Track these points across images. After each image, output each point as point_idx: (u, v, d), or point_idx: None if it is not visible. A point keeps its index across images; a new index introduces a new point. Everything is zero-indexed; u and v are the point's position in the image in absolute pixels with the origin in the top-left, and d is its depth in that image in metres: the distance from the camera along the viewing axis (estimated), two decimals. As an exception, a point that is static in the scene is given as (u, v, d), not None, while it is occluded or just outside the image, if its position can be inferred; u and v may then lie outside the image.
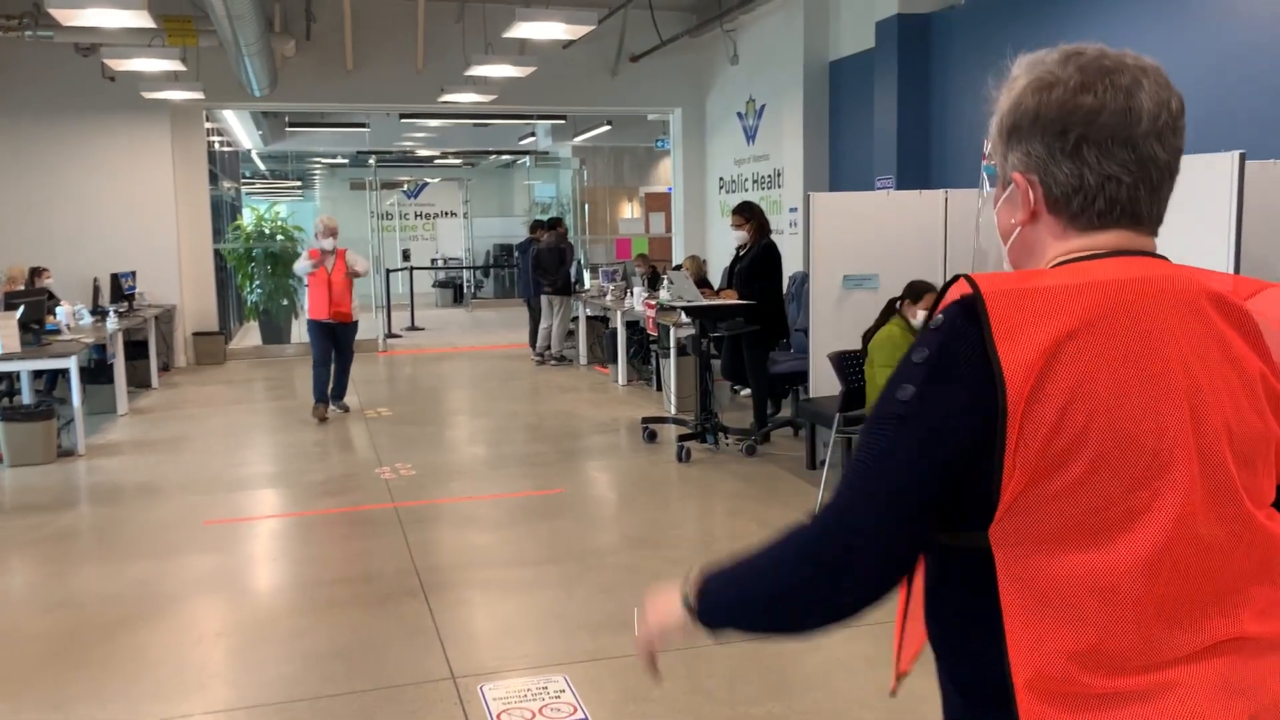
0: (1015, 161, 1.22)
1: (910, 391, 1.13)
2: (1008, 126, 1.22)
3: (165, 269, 12.12)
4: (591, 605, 4.39)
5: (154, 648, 4.04)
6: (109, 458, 7.46)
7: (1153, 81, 1.16)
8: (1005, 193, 1.25)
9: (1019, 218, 1.23)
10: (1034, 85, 1.18)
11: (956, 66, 8.46)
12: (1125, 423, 1.07)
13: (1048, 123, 1.17)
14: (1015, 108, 1.20)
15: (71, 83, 11.61)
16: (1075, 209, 1.18)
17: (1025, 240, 1.24)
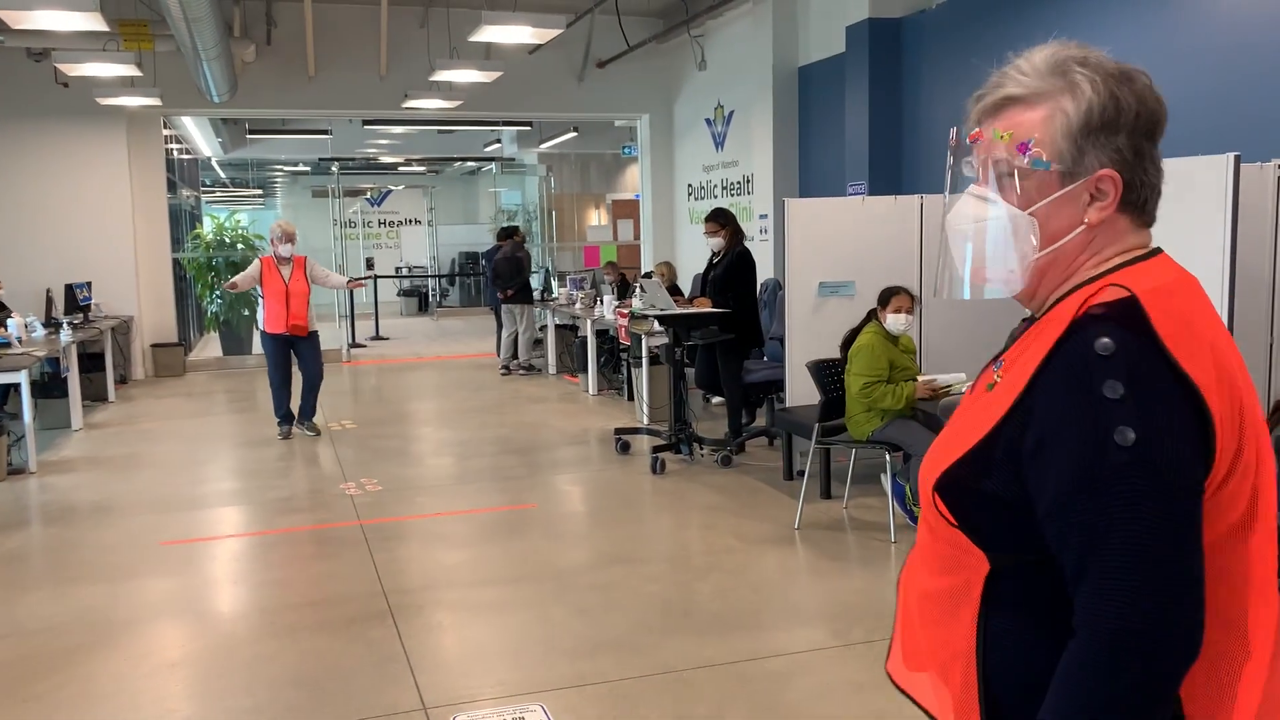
0: (1099, 159, 1.17)
1: (1131, 436, 1.07)
2: (1099, 122, 1.16)
3: (122, 279, 11.82)
4: (568, 627, 4.22)
5: (104, 679, 3.82)
6: (61, 475, 7.19)
7: None
8: (1064, 189, 1.18)
9: (1095, 217, 1.18)
10: (1118, 79, 1.16)
11: (928, 71, 8.40)
12: (1246, 399, 1.14)
13: (1143, 121, 1.16)
14: (1108, 102, 1.16)
15: (24, 88, 11.29)
16: (1140, 207, 1.20)
17: (1083, 241, 1.20)
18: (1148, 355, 1.08)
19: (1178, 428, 1.07)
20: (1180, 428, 1.07)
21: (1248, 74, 5.66)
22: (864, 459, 6.26)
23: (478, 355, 13.51)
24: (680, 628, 4.18)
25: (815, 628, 4.19)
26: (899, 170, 8.71)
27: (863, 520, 5.65)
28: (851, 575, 4.82)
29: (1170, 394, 1.07)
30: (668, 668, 3.80)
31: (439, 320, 20.03)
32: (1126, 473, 1.06)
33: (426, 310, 21.64)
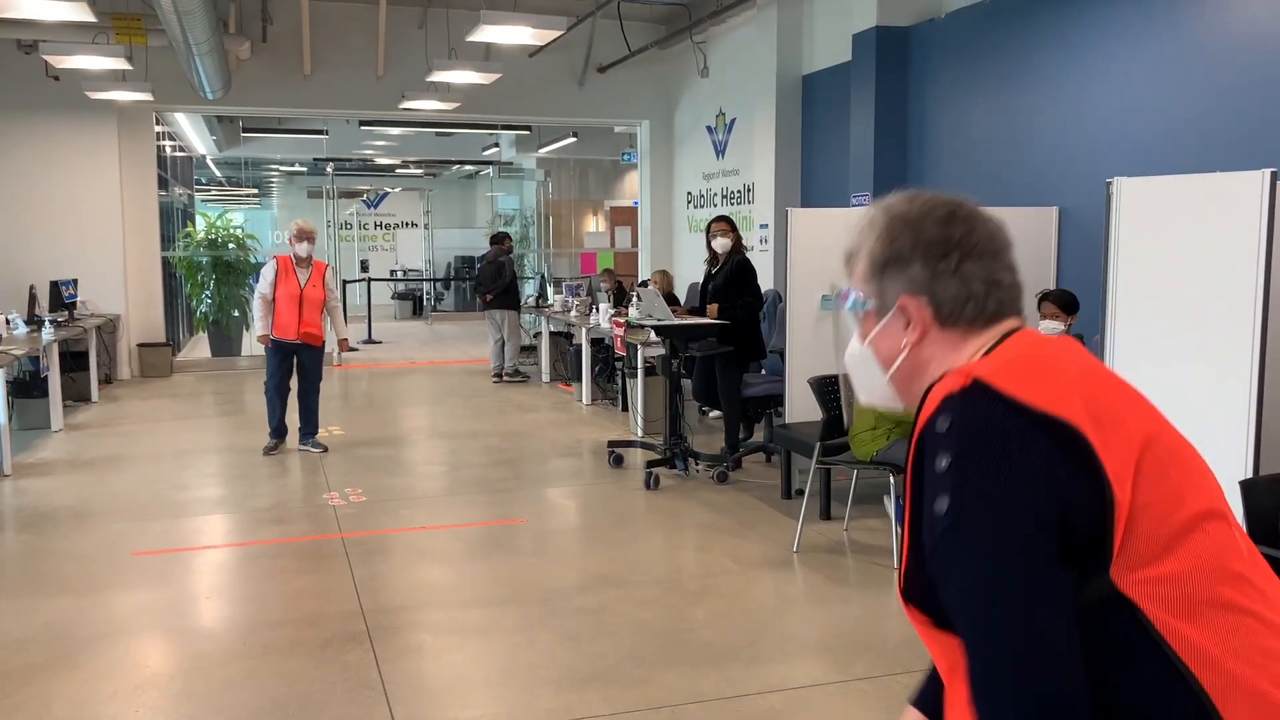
0: (897, 289, 1.32)
1: (946, 503, 1.14)
2: (883, 259, 1.33)
3: (109, 277, 11.60)
4: (554, 655, 4.01)
5: (62, 703, 3.61)
6: (37, 478, 6.97)
7: (985, 213, 1.34)
8: (883, 321, 1.34)
9: (912, 338, 1.33)
10: (903, 221, 1.32)
11: (935, 81, 8.22)
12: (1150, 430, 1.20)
13: (928, 248, 1.30)
14: (889, 242, 1.32)
15: (12, 81, 11.09)
16: (970, 315, 1.30)
17: (917, 359, 1.33)
18: (985, 420, 1.15)
19: (1014, 479, 1.12)
20: (1019, 478, 1.11)
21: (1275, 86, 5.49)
22: (866, 479, 6.07)
23: (471, 361, 13.31)
24: (673, 658, 3.97)
25: (814, 660, 3.99)
26: (904, 181, 8.52)
27: (864, 544, 5.44)
28: (852, 602, 4.61)
29: (1010, 451, 1.12)
30: (659, 702, 3.59)
31: (433, 325, 19.82)
32: (948, 543, 1.14)
33: (421, 314, 21.42)
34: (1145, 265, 4.12)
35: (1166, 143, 6.05)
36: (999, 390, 1.17)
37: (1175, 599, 1.13)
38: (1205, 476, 1.24)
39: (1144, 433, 1.18)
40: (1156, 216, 4.09)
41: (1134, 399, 1.24)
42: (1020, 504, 1.11)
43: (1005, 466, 1.12)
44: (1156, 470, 1.16)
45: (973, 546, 1.12)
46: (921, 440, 1.21)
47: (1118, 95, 6.41)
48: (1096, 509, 1.12)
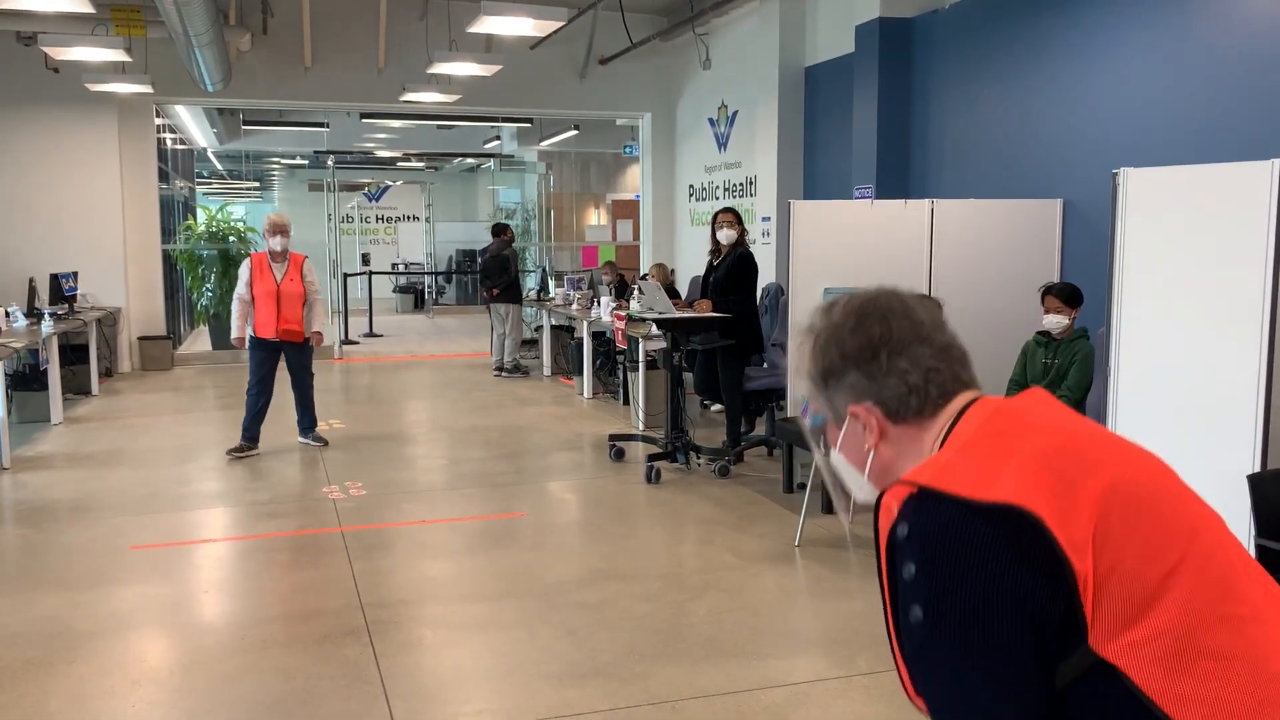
0: (843, 399, 1.36)
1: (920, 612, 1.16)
2: (820, 374, 1.37)
3: (110, 270, 11.57)
4: (554, 650, 3.98)
5: (59, 698, 3.58)
6: (36, 472, 6.95)
7: (905, 294, 1.37)
8: (843, 430, 1.38)
9: (871, 441, 1.36)
10: (825, 337, 1.36)
11: (940, 72, 8.17)
12: (1119, 476, 1.19)
13: (855, 355, 1.33)
14: (821, 358, 1.37)
15: (12, 73, 11.05)
16: (917, 407, 1.32)
17: (884, 458, 1.36)
18: (939, 525, 1.15)
19: (979, 582, 1.12)
20: (984, 580, 1.12)
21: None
22: (867, 473, 6.02)
23: (472, 354, 13.27)
24: (673, 653, 3.94)
25: (816, 655, 3.96)
26: (908, 173, 8.47)
27: (867, 538, 5.41)
28: (854, 598, 4.58)
29: (967, 551, 1.13)
30: (660, 698, 3.56)
31: (434, 318, 19.79)
32: (925, 651, 1.17)
33: (422, 307, 21.39)
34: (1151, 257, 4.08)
35: (1173, 134, 6.00)
36: (944, 493, 1.17)
37: (1161, 657, 1.11)
38: (1184, 509, 1.20)
39: (1103, 485, 1.16)
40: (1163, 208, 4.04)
41: (1095, 444, 1.23)
42: (989, 607, 1.12)
43: (968, 571, 1.13)
44: (1121, 525, 1.14)
45: (946, 656, 1.15)
46: (889, 546, 1.22)
47: (1123, 86, 6.36)
48: (1064, 588, 1.11)
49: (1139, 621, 1.12)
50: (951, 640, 1.14)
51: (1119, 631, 1.11)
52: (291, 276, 7.28)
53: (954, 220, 6.40)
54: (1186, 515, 1.20)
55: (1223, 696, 1.11)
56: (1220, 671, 1.11)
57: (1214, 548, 1.19)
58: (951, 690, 1.16)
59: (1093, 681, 1.12)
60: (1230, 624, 1.14)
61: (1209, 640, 1.12)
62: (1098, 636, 1.11)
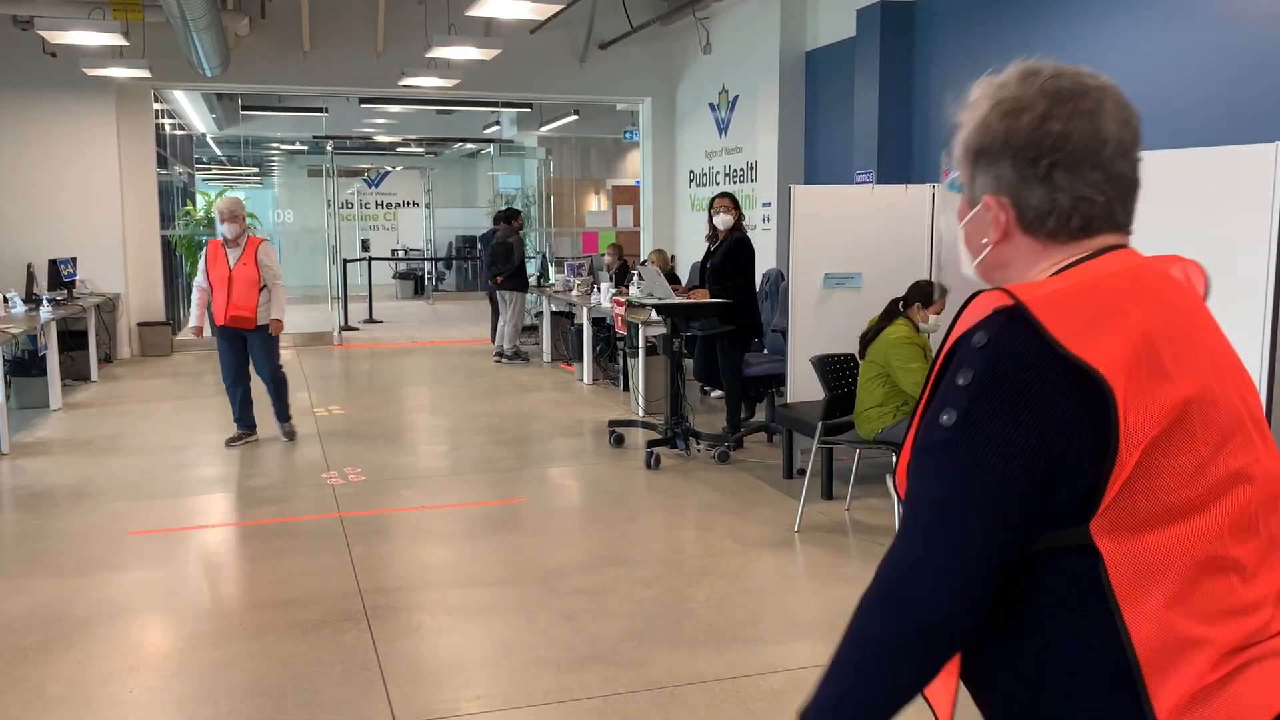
0: (985, 184, 1.25)
1: (954, 416, 1.13)
2: (975, 149, 1.26)
3: (109, 255, 11.53)
4: (554, 635, 3.97)
5: (56, 683, 3.57)
6: (34, 457, 6.94)
7: (1113, 101, 1.22)
8: (972, 212, 1.29)
9: (991, 238, 1.27)
10: (1001, 110, 1.22)
11: (941, 56, 8.12)
12: (1201, 391, 1.13)
13: (1018, 149, 1.21)
14: (983, 131, 1.24)
15: (9, 57, 11.00)
16: (1052, 228, 1.23)
17: (998, 258, 1.28)
18: (1017, 350, 1.11)
19: (1019, 417, 1.10)
20: (1022, 417, 1.10)
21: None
22: (868, 458, 6.02)
23: (472, 341, 13.25)
24: (672, 639, 3.93)
25: (815, 641, 3.95)
26: (909, 158, 8.43)
27: (866, 524, 5.40)
28: (854, 582, 4.57)
29: (1031, 387, 1.10)
30: (659, 683, 3.55)
31: (434, 304, 19.76)
32: (938, 450, 1.14)
33: (422, 294, 21.35)
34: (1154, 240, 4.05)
35: (1177, 116, 5.96)
36: (1038, 322, 1.11)
37: (1144, 571, 1.11)
38: (1246, 448, 1.16)
39: (1185, 394, 1.12)
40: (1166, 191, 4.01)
41: (1200, 347, 1.17)
42: (1023, 448, 1.10)
43: (1021, 404, 1.10)
44: (1182, 440, 1.11)
45: (954, 467, 1.12)
46: (955, 346, 1.18)
47: (1127, 68, 6.31)
48: (1098, 464, 1.09)
49: (1140, 534, 1.11)
50: (969, 455, 1.12)
51: (1119, 531, 1.11)
52: (245, 261, 6.99)
53: (955, 205, 6.36)
54: (1242, 456, 1.16)
55: (1179, 627, 1.11)
56: (1190, 608, 1.11)
57: (1250, 499, 1.16)
58: (937, 501, 1.14)
59: (1070, 558, 1.12)
60: (1225, 574, 1.13)
61: (1194, 587, 1.11)
62: (1100, 525, 1.11)
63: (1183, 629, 1.11)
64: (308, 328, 13.88)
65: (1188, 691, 1.10)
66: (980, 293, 1.19)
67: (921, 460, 1.17)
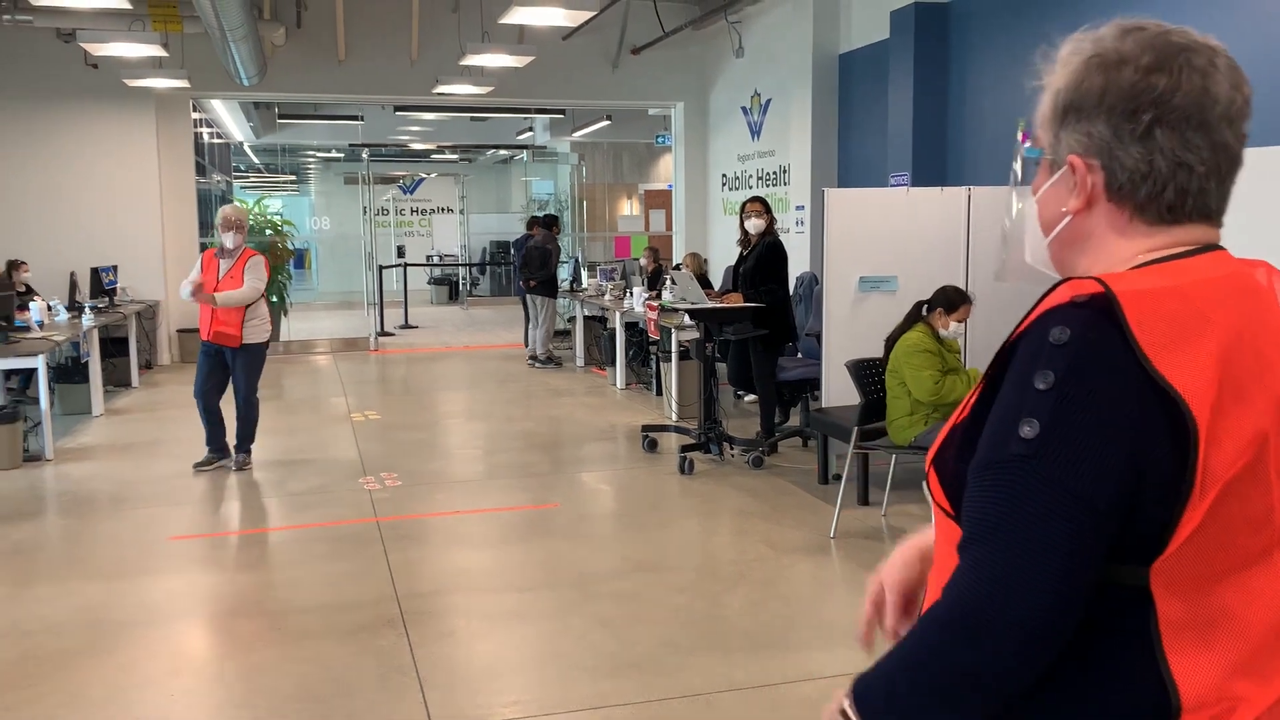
0: (1072, 143, 1.14)
1: (1038, 427, 1.01)
2: (1064, 105, 1.14)
3: (149, 263, 11.70)
4: (589, 641, 3.98)
5: (97, 687, 3.62)
6: (77, 463, 7.04)
7: (1225, 63, 1.11)
8: (1054, 177, 1.17)
9: (1072, 205, 1.15)
10: (1099, 62, 1.11)
11: (976, 58, 8.05)
12: (1275, 420, 1.04)
13: (1116, 102, 1.10)
14: (1075, 85, 1.13)
15: (52, 69, 11.19)
16: (1143, 198, 1.11)
17: (1076, 231, 1.16)
18: (1102, 354, 1.01)
19: (1105, 432, 1.00)
20: (1109, 433, 1.00)
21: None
22: (904, 464, 5.97)
23: (506, 346, 13.30)
24: (708, 645, 3.92)
25: (851, 648, 3.92)
26: (944, 161, 8.37)
27: (903, 530, 5.35)
28: (891, 589, 4.53)
29: (1114, 397, 1.00)
30: (694, 690, 3.54)
31: (469, 309, 19.86)
32: (1017, 465, 1.03)
33: (457, 299, 21.47)
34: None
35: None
36: (1127, 323, 1.01)
37: (1196, 628, 1.03)
38: None
39: (1263, 425, 1.02)
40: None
41: (1272, 366, 1.06)
42: (1111, 469, 1.00)
43: (1109, 419, 1.00)
44: (1255, 481, 1.02)
45: (1043, 484, 1.01)
46: (1029, 334, 1.06)
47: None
48: (1172, 500, 1.01)
49: (1204, 584, 1.03)
50: (1055, 473, 1.00)
51: (1180, 579, 1.03)
52: (233, 274, 6.51)
53: (992, 207, 6.30)
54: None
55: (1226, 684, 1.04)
56: (1240, 666, 1.05)
57: None
58: (1016, 521, 1.02)
59: (1122, 596, 1.04)
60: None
61: (1253, 641, 1.05)
62: (1160, 569, 1.02)
63: (1229, 687, 1.04)
64: (344, 333, 14.00)
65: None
66: (1066, 280, 1.08)
67: (997, 473, 1.04)
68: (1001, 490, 1.03)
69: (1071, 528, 1.00)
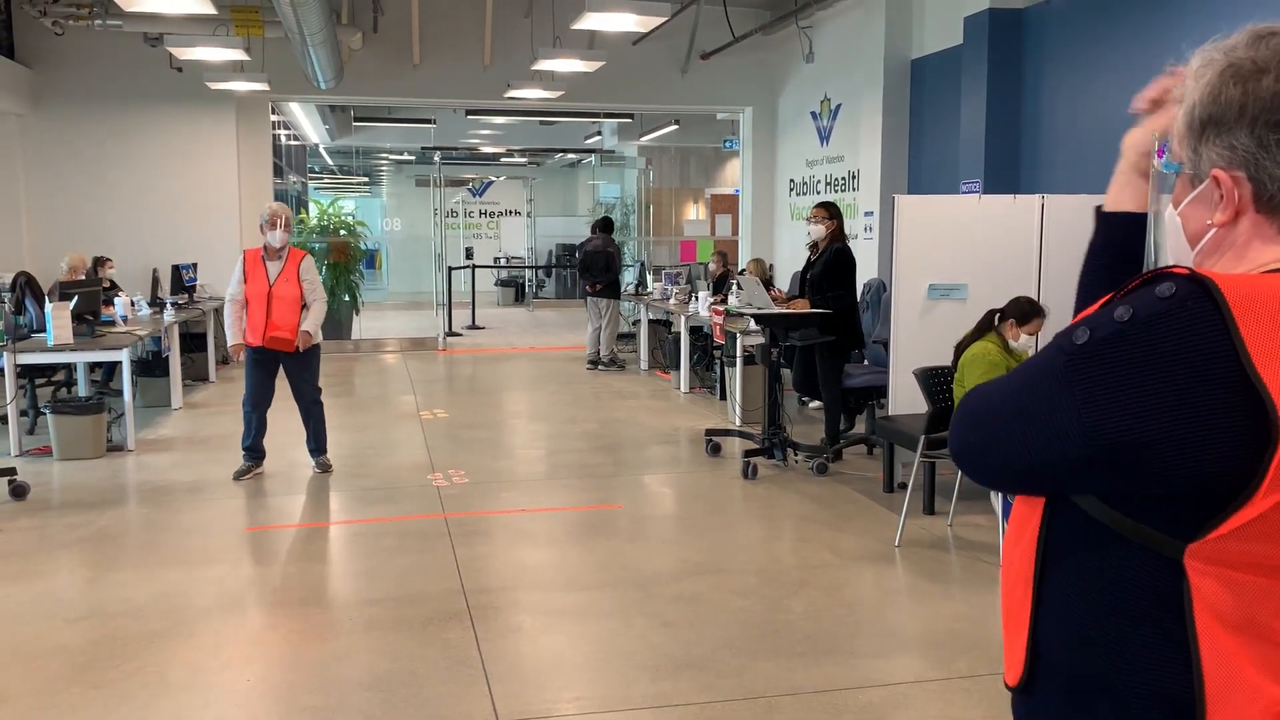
0: (1215, 157, 1.12)
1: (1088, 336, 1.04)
2: (1203, 118, 1.12)
3: (227, 261, 11.93)
4: (651, 641, 4.02)
5: (177, 669, 3.75)
6: (158, 454, 7.28)
7: None
8: (1195, 191, 1.15)
9: (1219, 218, 1.13)
10: (1234, 72, 1.10)
11: (1050, 65, 7.95)
12: None
13: (1259, 113, 1.08)
14: (1214, 98, 1.11)
15: (139, 73, 11.58)
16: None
17: (1220, 243, 1.14)
18: (1200, 321, 0.99)
19: (1152, 381, 0.99)
20: (1158, 386, 0.99)
21: None
22: (970, 473, 5.90)
23: (571, 348, 13.42)
24: (769, 649, 3.94)
25: (915, 656, 3.90)
26: (1017, 169, 8.27)
27: (969, 540, 5.31)
28: (955, 599, 4.50)
29: (1191, 361, 0.98)
30: (755, 693, 3.56)
31: (534, 311, 20.05)
32: (1049, 361, 1.07)
33: (523, 301, 21.69)
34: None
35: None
36: (1233, 316, 0.99)
37: (1228, 614, 1.03)
38: None
39: None
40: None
41: None
42: (1136, 417, 0.99)
43: (1166, 374, 0.99)
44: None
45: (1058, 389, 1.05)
46: (1129, 289, 1.08)
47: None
48: (1232, 490, 0.99)
49: (1240, 573, 1.02)
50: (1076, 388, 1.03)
51: (1218, 565, 1.02)
52: (287, 276, 6.29)
53: (1065, 216, 6.21)
54: None
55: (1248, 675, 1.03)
56: (1265, 661, 1.04)
57: None
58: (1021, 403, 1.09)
59: (1160, 564, 1.05)
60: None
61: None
62: (1197, 551, 1.02)
63: (1252, 679, 1.04)
64: (413, 333, 14.24)
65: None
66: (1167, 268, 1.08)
67: (1037, 357, 1.10)
68: (1039, 360, 1.10)
69: (1058, 444, 1.05)
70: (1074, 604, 1.13)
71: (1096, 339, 1.03)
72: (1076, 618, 1.13)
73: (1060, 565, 1.14)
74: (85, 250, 10.15)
